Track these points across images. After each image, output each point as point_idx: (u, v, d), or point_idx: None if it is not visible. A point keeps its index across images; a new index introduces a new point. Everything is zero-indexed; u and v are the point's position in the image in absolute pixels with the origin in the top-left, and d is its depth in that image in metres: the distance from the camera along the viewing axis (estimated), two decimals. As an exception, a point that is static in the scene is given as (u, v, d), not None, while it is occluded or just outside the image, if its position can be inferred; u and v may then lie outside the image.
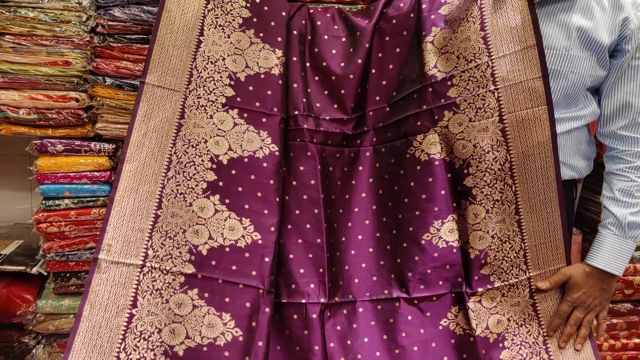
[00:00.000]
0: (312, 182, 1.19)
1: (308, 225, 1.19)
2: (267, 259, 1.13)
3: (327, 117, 1.24)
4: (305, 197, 1.19)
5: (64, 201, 1.52)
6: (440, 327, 1.19)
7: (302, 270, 1.16)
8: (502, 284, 1.19)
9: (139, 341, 1.05)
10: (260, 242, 1.14)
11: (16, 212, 1.95)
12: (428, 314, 1.19)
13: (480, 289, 1.19)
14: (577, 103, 1.21)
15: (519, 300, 1.19)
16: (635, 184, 1.17)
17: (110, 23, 1.43)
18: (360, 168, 1.25)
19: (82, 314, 1.04)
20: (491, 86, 1.16)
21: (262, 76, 1.21)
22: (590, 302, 1.19)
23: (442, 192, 1.20)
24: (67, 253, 1.56)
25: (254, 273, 1.12)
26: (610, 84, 1.20)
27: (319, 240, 1.18)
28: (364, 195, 1.25)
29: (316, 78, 1.26)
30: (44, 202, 1.52)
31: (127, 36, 1.45)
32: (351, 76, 1.25)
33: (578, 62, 1.16)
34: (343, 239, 1.22)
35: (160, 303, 1.08)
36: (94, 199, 1.54)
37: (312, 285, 1.16)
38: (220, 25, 1.20)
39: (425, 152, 1.22)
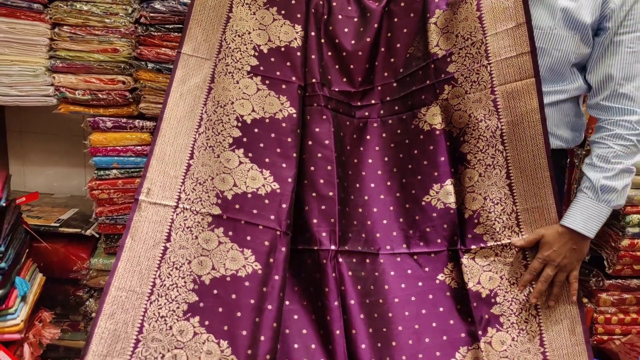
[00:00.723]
0: (327, 142, 1.34)
1: (322, 181, 1.33)
2: (284, 206, 1.29)
3: (337, 89, 1.39)
4: (319, 155, 1.34)
5: (113, 171, 1.75)
6: (437, 282, 1.32)
7: (315, 221, 1.32)
8: (495, 243, 1.30)
9: (171, 270, 1.23)
10: (278, 190, 1.30)
11: (72, 185, 2.20)
12: (426, 269, 1.32)
13: (473, 247, 1.31)
14: (563, 78, 1.30)
15: (512, 260, 1.30)
16: (612, 150, 1.24)
17: (151, 15, 1.63)
18: (368, 137, 1.39)
19: (124, 244, 1.23)
20: (484, 61, 1.27)
21: (283, 49, 1.38)
22: (560, 260, 1.24)
23: (442, 158, 1.33)
24: (115, 217, 1.79)
25: (272, 217, 1.28)
26: (594, 59, 1.29)
27: (331, 194, 1.32)
28: (370, 161, 1.39)
29: (329, 53, 1.41)
30: (96, 172, 1.75)
31: (166, 26, 1.65)
32: (360, 53, 1.39)
33: (562, 41, 1.26)
34: (352, 197, 1.37)
35: (191, 239, 1.26)
36: (137, 169, 1.76)
37: (324, 234, 1.31)
38: (247, 4, 1.38)
39: (428, 122, 1.35)
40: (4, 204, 1.36)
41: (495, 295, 1.28)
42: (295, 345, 1.25)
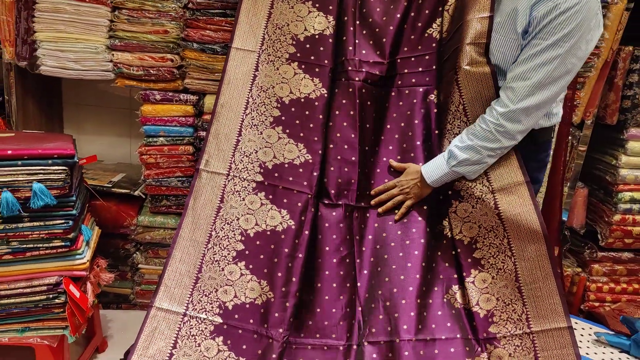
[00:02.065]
0: (352, 112, 1.56)
1: (345, 146, 1.56)
2: (315, 174, 1.52)
3: (371, 61, 1.58)
4: (345, 124, 1.56)
5: (160, 139, 1.99)
6: (437, 230, 1.52)
7: (339, 180, 1.55)
8: (468, 194, 1.47)
9: (224, 225, 1.49)
10: (310, 161, 1.53)
11: (118, 153, 2.45)
12: (419, 218, 1.52)
13: (454, 202, 1.49)
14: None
15: (487, 211, 1.46)
16: (473, 127, 1.41)
17: (198, 1, 1.85)
18: (387, 105, 1.60)
19: (188, 204, 1.50)
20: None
21: (317, 36, 1.60)
22: (405, 188, 1.52)
23: (435, 131, 1.55)
24: (160, 179, 2.03)
25: (305, 183, 1.52)
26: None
27: (353, 158, 1.55)
28: (388, 127, 1.60)
29: (364, 32, 1.60)
30: (145, 139, 1.99)
31: (210, 11, 1.87)
32: (391, 27, 1.58)
33: (504, 44, 1.40)
34: (372, 159, 1.59)
35: (239, 200, 1.50)
36: (181, 138, 2.00)
37: (345, 192, 1.55)
38: (285, 0, 1.61)
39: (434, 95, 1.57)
40: (77, 160, 1.60)
41: (476, 242, 1.47)
42: (319, 285, 1.48)
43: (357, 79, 1.58)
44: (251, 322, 1.42)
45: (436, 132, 1.55)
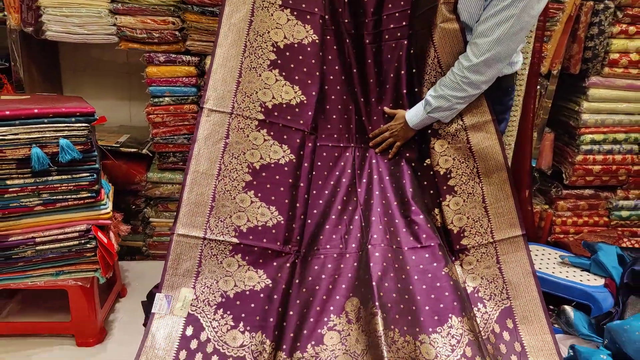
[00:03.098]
0: (337, 67, 1.73)
1: (338, 87, 1.75)
2: (309, 113, 1.70)
3: (360, 18, 1.72)
4: (336, 67, 1.74)
5: (165, 99, 2.12)
6: (425, 165, 1.73)
7: (334, 116, 1.75)
8: (444, 132, 1.69)
9: (231, 159, 1.64)
10: (305, 102, 1.70)
11: (119, 116, 2.55)
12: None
13: (432, 139, 1.70)
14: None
15: (460, 145, 1.69)
16: (445, 78, 1.60)
17: (196, -36, 1.95)
18: (379, 58, 1.75)
19: (196, 138, 1.62)
20: None
21: None
22: (394, 131, 1.73)
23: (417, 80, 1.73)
24: (167, 137, 2.17)
25: (301, 122, 1.70)
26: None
27: (344, 97, 1.75)
28: (381, 79, 1.77)
29: None
30: (151, 99, 2.11)
31: (208, -25, 1.98)
32: None
33: (470, 4, 1.56)
34: (362, 99, 1.78)
35: (243, 136, 1.66)
36: (185, 97, 2.13)
37: (346, 135, 1.76)
38: None
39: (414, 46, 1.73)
40: (97, 118, 1.72)
41: (450, 172, 1.71)
42: (325, 208, 1.70)
43: (348, 31, 1.73)
44: (264, 241, 1.62)
45: (417, 81, 1.74)
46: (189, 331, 1.51)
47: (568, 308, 1.99)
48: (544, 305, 1.61)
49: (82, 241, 1.70)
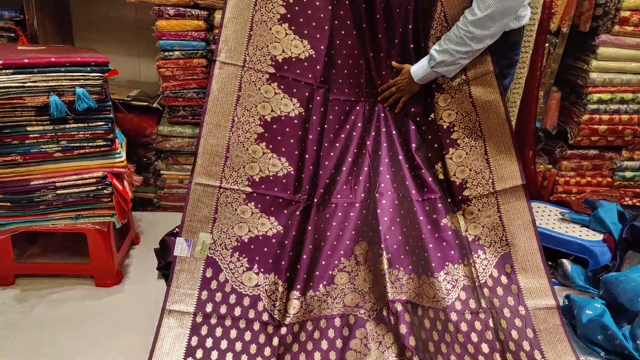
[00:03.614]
0: (348, 22, 1.75)
1: (349, 42, 1.78)
2: (318, 67, 1.74)
3: None
4: (348, 22, 1.76)
5: (175, 52, 2.15)
6: (430, 119, 1.77)
7: (345, 71, 1.79)
8: (448, 86, 1.72)
9: (244, 111, 1.69)
10: (314, 56, 1.73)
11: (128, 72, 2.59)
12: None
13: (436, 94, 1.75)
14: None
15: (463, 99, 1.73)
16: (449, 33, 1.62)
17: None
18: (389, 14, 1.76)
19: (210, 92, 1.67)
20: None
21: None
22: (400, 86, 1.76)
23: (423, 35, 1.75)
24: (177, 91, 2.22)
25: (310, 75, 1.74)
26: None
27: (355, 52, 1.78)
28: (390, 33, 1.78)
29: None
30: (161, 53, 2.15)
31: None
32: None
33: None
34: (371, 54, 1.80)
35: (255, 89, 1.70)
36: (194, 51, 2.17)
37: (357, 90, 1.80)
38: None
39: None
40: (111, 69, 1.77)
41: (454, 126, 1.76)
42: (336, 160, 1.76)
43: None
44: (276, 190, 1.69)
45: (424, 36, 1.76)
46: (209, 273, 1.61)
47: (565, 261, 2.06)
48: (541, 252, 1.67)
49: (99, 187, 1.78)
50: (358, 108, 1.81)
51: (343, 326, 1.56)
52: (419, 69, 1.72)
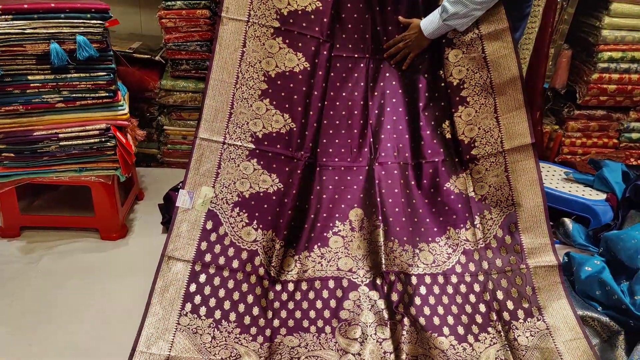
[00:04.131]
0: None
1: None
2: (325, 20, 1.69)
3: None
4: None
5: (177, 2, 2.09)
6: (439, 74, 1.74)
7: (349, 25, 1.73)
8: (459, 42, 1.68)
9: (248, 67, 1.67)
10: (321, 8, 1.69)
11: (129, 25, 2.53)
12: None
13: (447, 49, 1.69)
14: None
15: (475, 55, 1.68)
16: None
17: None
18: None
19: (215, 49, 1.64)
20: None
21: None
22: (408, 41, 1.72)
23: None
24: (180, 44, 2.17)
25: (316, 29, 1.70)
26: None
27: (361, 5, 1.73)
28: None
29: None
30: (163, 2, 2.09)
31: None
32: None
33: None
34: (378, 8, 1.75)
35: (259, 45, 1.67)
36: (197, 1, 2.10)
37: (362, 46, 1.74)
38: None
39: None
40: (112, 17, 1.72)
41: (464, 83, 1.72)
42: (336, 120, 1.74)
43: None
44: (278, 147, 1.68)
45: None
46: (209, 225, 1.62)
47: (567, 220, 2.07)
48: (546, 212, 1.68)
49: (103, 139, 1.77)
50: (362, 65, 1.76)
51: (337, 288, 1.60)
52: (429, 23, 1.67)
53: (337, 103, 1.74)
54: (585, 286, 1.68)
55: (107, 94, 1.74)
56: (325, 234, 1.68)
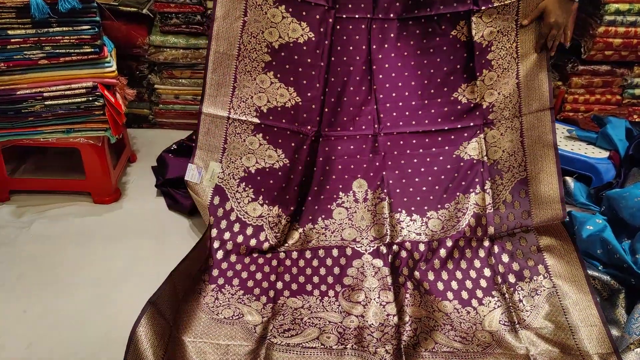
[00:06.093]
0: None
1: None
2: None
3: None
4: None
5: (164, -49, 1.95)
6: (451, 36, 1.66)
7: None
8: (500, 3, 1.61)
9: (250, 38, 1.58)
10: None
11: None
12: (443, 26, 1.64)
13: (483, 8, 1.61)
14: None
15: (508, 16, 1.62)
16: None
17: None
18: None
19: (214, 17, 1.55)
20: None
21: None
22: (561, 21, 1.57)
23: None
24: (169, -4, 2.05)
25: None
26: None
27: None
28: None
29: None
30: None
31: None
32: None
33: None
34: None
35: (261, 13, 1.57)
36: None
37: (362, 5, 1.60)
38: None
39: None
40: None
41: (491, 45, 1.64)
42: (339, 89, 1.66)
43: None
44: (283, 121, 1.64)
45: None
46: (216, 200, 1.64)
47: (569, 179, 2.04)
48: (560, 178, 1.65)
49: (90, 98, 1.68)
50: (363, 27, 1.63)
51: (340, 256, 1.59)
52: None
53: (338, 69, 1.65)
54: (586, 245, 1.67)
55: (92, 50, 1.65)
56: (329, 206, 1.67)
